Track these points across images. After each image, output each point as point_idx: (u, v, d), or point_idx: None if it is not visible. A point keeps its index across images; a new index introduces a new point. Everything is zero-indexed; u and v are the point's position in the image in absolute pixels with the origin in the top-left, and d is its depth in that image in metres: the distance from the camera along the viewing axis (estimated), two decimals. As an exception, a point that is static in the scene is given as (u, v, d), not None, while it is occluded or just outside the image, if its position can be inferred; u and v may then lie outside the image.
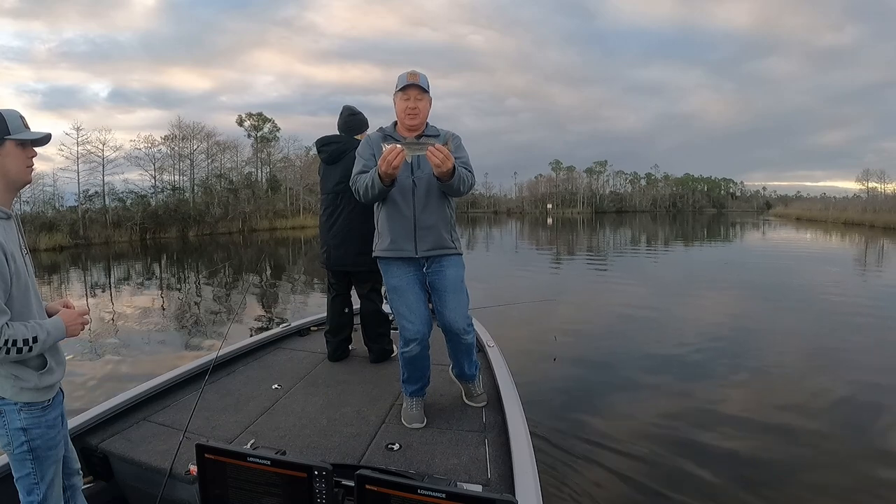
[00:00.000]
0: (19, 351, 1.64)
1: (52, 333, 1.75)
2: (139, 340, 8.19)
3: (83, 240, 30.12)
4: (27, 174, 1.80)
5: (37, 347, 1.69)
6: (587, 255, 22.47)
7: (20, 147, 1.76)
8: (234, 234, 38.64)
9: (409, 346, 2.84)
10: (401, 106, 2.79)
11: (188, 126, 44.41)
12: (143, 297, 12.62)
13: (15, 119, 1.76)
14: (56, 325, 1.79)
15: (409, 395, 2.94)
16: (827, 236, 32.88)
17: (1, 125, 1.72)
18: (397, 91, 2.79)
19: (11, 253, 1.68)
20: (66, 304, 1.95)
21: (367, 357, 3.99)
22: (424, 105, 2.81)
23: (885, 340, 7.72)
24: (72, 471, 2.01)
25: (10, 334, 1.62)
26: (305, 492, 1.63)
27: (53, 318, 1.81)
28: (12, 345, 1.62)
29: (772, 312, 9.77)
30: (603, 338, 8.03)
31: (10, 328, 1.63)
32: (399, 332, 2.89)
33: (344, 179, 3.50)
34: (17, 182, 1.79)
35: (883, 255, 21.88)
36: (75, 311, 1.89)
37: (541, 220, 66.96)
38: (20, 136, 1.74)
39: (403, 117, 2.79)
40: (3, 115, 1.73)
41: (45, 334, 1.71)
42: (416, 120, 2.80)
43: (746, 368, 6.34)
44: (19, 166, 1.77)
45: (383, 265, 2.92)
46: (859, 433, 4.55)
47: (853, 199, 60.32)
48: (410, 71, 2.78)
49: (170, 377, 3.23)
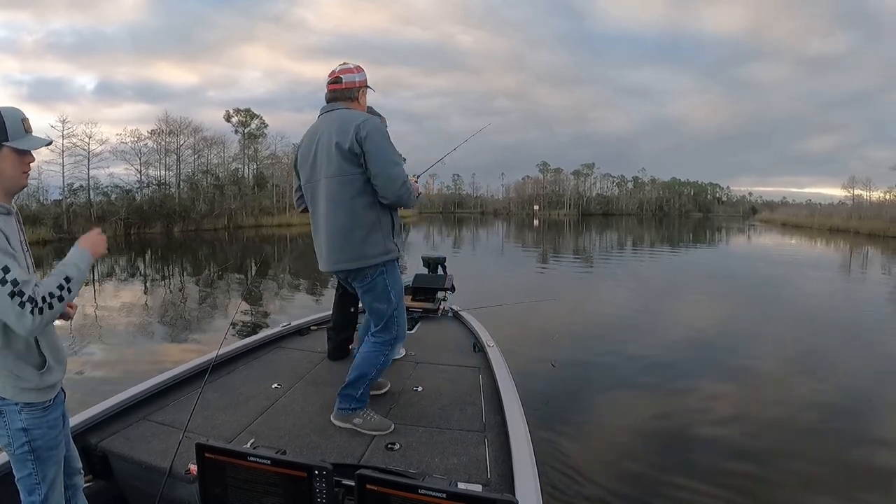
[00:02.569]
0: (60, 299, 1.60)
1: (78, 264, 1.70)
2: (141, 339, 8.12)
3: (67, 234, 29.67)
4: (23, 180, 1.73)
5: (74, 285, 1.65)
6: (575, 258, 22.63)
7: (17, 154, 1.68)
8: (220, 231, 38.43)
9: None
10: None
11: (175, 121, 44.11)
12: (140, 294, 12.47)
13: (16, 122, 1.67)
14: (79, 254, 1.74)
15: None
16: (812, 242, 33.48)
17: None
18: (370, 88, 2.83)
19: (10, 242, 1.62)
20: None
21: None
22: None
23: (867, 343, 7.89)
24: (73, 470, 1.97)
25: (43, 291, 1.57)
26: (306, 491, 1.61)
27: (72, 249, 1.75)
28: (51, 297, 1.57)
29: (769, 315, 9.92)
30: (602, 338, 8.11)
31: (40, 286, 1.58)
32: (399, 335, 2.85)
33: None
34: (12, 188, 1.72)
35: (868, 261, 22.31)
36: (91, 234, 1.85)
37: (527, 222, 67.29)
38: (17, 146, 1.67)
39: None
40: (2, 117, 1.64)
41: (73, 269, 1.67)
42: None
43: (742, 369, 6.45)
44: (15, 172, 1.69)
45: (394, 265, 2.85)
46: (843, 430, 4.69)
47: (838, 205, 61.06)
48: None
49: (169, 376, 3.20)
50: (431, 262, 5.49)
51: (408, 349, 4.07)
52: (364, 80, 2.76)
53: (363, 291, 2.77)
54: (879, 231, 37.66)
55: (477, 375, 3.50)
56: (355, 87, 2.72)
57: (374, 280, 2.70)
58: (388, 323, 2.76)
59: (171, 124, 43.61)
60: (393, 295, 2.75)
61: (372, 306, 2.77)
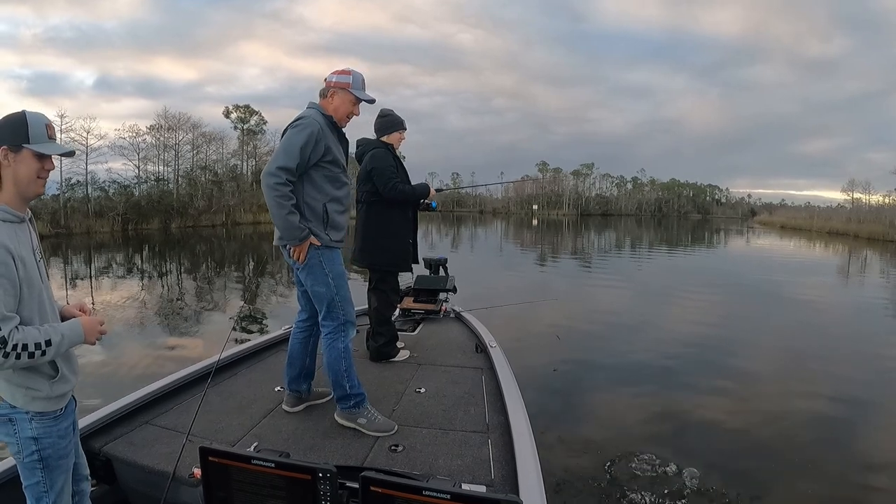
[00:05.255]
0: (31, 356, 1.55)
1: (67, 336, 1.66)
2: (141, 340, 8.09)
3: (64, 229, 29.62)
4: (40, 186, 1.71)
5: (51, 351, 1.60)
6: (575, 258, 22.63)
7: (37, 158, 1.66)
8: (218, 227, 38.34)
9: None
10: (348, 109, 2.86)
11: (174, 116, 43.85)
12: (141, 291, 12.42)
13: (39, 126, 1.66)
14: (73, 329, 1.70)
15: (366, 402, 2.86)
16: (812, 245, 33.52)
17: (21, 130, 1.63)
18: (354, 95, 2.83)
19: (22, 258, 1.60)
20: (81, 307, 1.87)
21: (368, 357, 3.98)
22: None
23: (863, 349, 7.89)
24: (81, 476, 1.96)
25: (20, 338, 1.53)
26: (310, 494, 1.59)
27: (71, 322, 1.73)
28: (22, 349, 1.53)
29: (770, 320, 9.97)
30: (603, 338, 8.13)
31: (20, 332, 1.54)
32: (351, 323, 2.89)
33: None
34: (28, 193, 1.69)
35: (866, 265, 22.34)
36: (95, 318, 1.81)
37: (526, 221, 67.33)
38: (38, 150, 1.65)
39: (343, 119, 2.87)
40: (26, 120, 1.64)
41: (59, 337, 1.63)
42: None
43: (744, 372, 6.48)
44: (31, 177, 1.67)
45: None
46: (839, 438, 4.69)
47: (837, 208, 61.23)
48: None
49: (172, 380, 3.20)
50: (433, 263, 5.48)
51: (410, 350, 4.07)
52: (340, 83, 2.81)
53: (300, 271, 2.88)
54: (879, 235, 37.71)
55: (480, 376, 3.50)
56: (328, 86, 2.83)
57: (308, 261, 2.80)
58: (331, 307, 2.83)
59: (169, 120, 43.37)
60: (331, 278, 2.81)
61: (312, 290, 2.86)
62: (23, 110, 1.67)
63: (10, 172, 1.64)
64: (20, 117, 1.65)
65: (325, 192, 2.80)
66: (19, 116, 1.66)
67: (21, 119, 1.65)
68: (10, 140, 1.63)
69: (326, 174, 2.79)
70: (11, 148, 1.63)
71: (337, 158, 2.81)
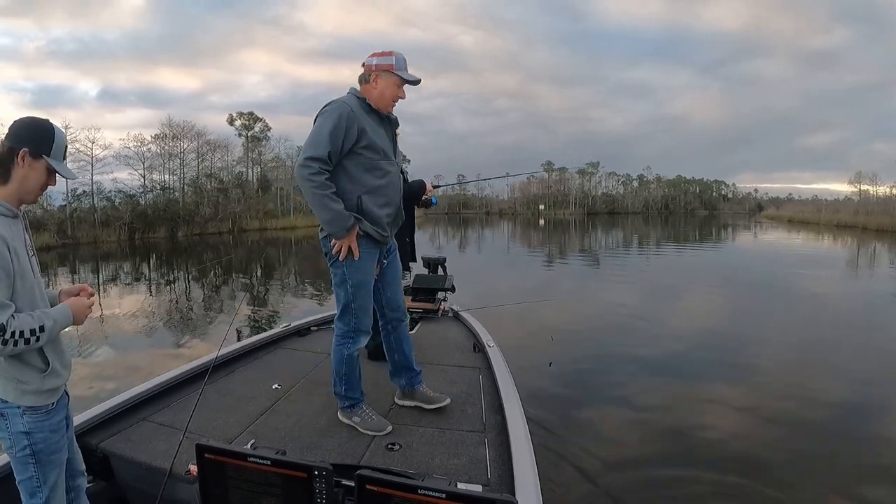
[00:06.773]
0: (27, 342, 1.61)
1: (58, 321, 1.71)
2: (142, 340, 8.15)
3: (71, 239, 29.84)
4: (36, 197, 1.78)
5: (44, 336, 1.66)
6: (582, 257, 22.58)
7: (47, 171, 1.74)
8: (224, 235, 38.49)
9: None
10: (394, 93, 2.67)
11: (178, 125, 44.11)
12: (143, 297, 12.51)
13: (60, 145, 1.77)
14: (63, 313, 1.75)
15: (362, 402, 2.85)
16: (820, 238, 33.24)
17: (47, 141, 1.72)
18: (396, 75, 2.64)
19: (15, 250, 1.64)
20: (82, 288, 1.90)
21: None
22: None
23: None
24: (76, 472, 1.99)
25: (17, 325, 1.58)
26: (306, 492, 1.61)
27: (60, 306, 1.78)
28: (20, 336, 1.59)
29: (777, 316, 9.83)
30: (601, 338, 8.08)
31: (16, 319, 1.59)
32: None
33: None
34: (26, 198, 1.75)
35: (875, 257, 22.20)
36: (83, 301, 1.85)
37: (533, 222, 67.16)
38: (55, 167, 1.74)
39: (389, 103, 2.69)
40: (54, 134, 1.73)
41: (51, 322, 1.68)
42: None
43: (747, 367, 6.42)
44: (36, 186, 1.75)
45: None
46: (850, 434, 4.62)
47: (845, 201, 60.71)
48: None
49: (170, 377, 3.21)
50: (431, 262, 5.49)
51: None
52: (381, 65, 2.62)
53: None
54: (888, 226, 37.44)
55: (477, 376, 3.49)
56: (369, 70, 2.64)
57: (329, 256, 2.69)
58: (346, 311, 2.74)
59: (174, 128, 43.63)
60: (350, 285, 2.70)
61: (333, 286, 2.78)
62: (49, 121, 1.75)
63: (21, 175, 1.69)
64: (49, 129, 1.73)
65: (361, 182, 2.59)
66: (48, 127, 1.73)
67: (49, 131, 1.73)
68: (34, 146, 1.69)
69: (362, 162, 2.58)
70: (32, 153, 1.68)
71: (374, 143, 2.58)
